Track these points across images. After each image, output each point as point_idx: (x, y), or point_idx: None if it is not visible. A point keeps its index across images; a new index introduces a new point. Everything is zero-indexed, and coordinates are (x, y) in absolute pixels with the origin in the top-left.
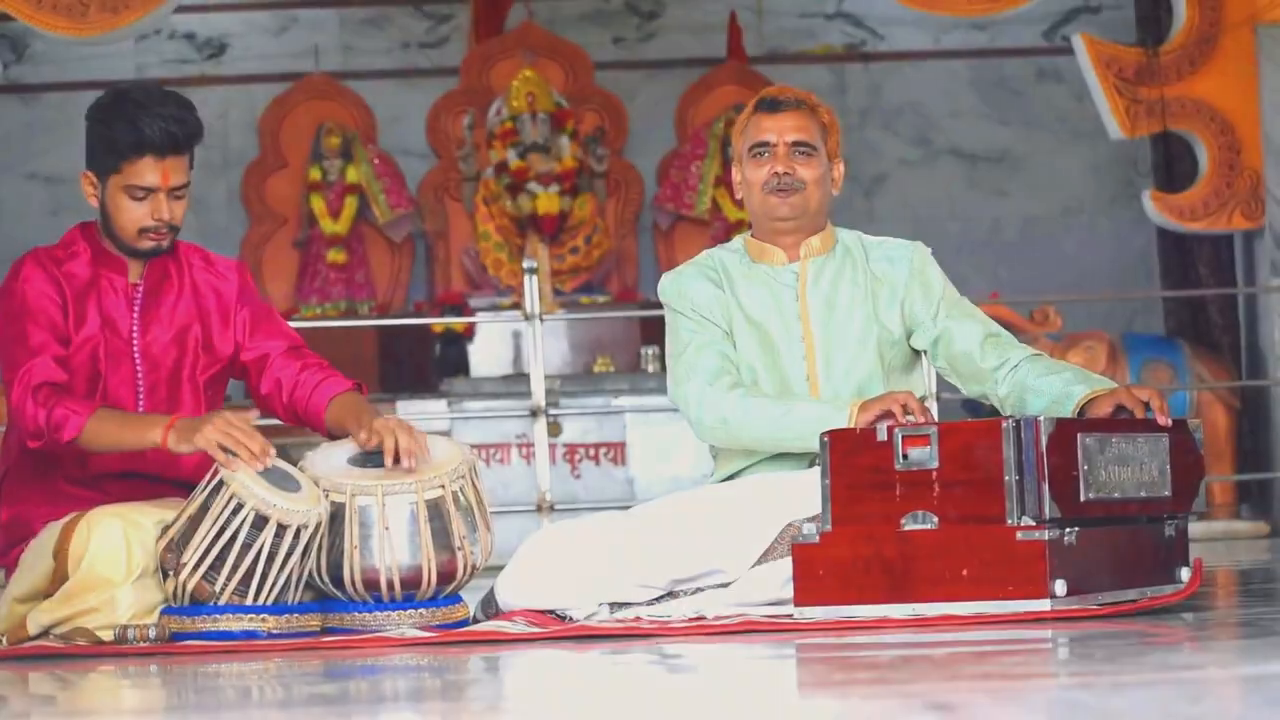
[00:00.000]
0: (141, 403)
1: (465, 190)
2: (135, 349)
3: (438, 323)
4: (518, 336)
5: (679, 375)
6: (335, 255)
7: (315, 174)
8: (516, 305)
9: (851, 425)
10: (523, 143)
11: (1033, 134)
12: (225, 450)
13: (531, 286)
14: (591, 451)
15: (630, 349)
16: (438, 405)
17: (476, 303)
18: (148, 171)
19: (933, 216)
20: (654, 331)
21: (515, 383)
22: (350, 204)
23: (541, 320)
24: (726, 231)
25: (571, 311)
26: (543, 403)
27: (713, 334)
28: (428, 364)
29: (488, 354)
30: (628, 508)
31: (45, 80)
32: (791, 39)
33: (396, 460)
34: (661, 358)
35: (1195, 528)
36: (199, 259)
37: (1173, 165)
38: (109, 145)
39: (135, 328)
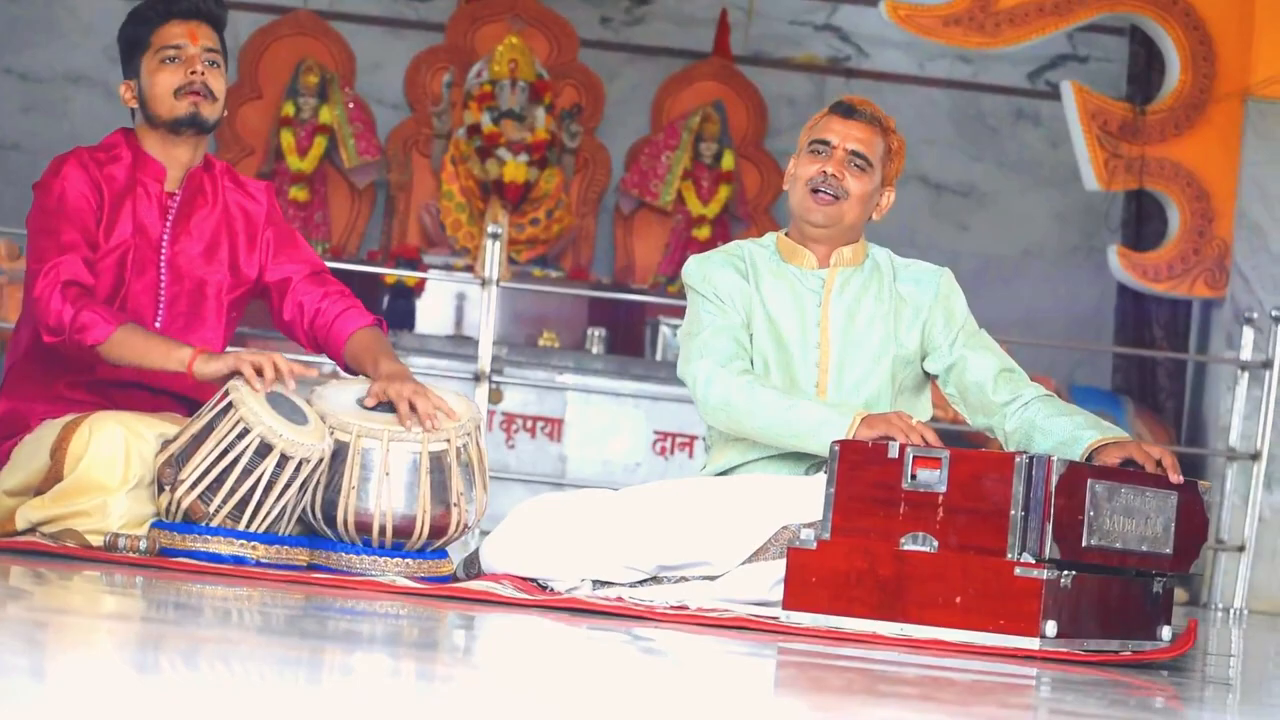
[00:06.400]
0: (161, 312)
1: (435, 147)
2: (163, 257)
3: (390, 274)
4: (461, 299)
5: (690, 353)
6: (297, 192)
7: (289, 109)
8: (469, 268)
9: (851, 436)
10: (499, 108)
11: (1002, 173)
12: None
13: (493, 252)
14: (529, 424)
15: (576, 327)
16: None
17: (430, 260)
18: (175, 31)
19: (890, 239)
20: (602, 313)
21: (459, 344)
22: (319, 144)
23: (498, 286)
24: (688, 224)
25: (522, 282)
26: (488, 368)
27: (731, 320)
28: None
29: (432, 313)
30: (558, 484)
31: None
32: (778, 44)
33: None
34: (607, 340)
35: None
36: (230, 179)
37: (1143, 224)
38: (136, 28)
39: (166, 236)
